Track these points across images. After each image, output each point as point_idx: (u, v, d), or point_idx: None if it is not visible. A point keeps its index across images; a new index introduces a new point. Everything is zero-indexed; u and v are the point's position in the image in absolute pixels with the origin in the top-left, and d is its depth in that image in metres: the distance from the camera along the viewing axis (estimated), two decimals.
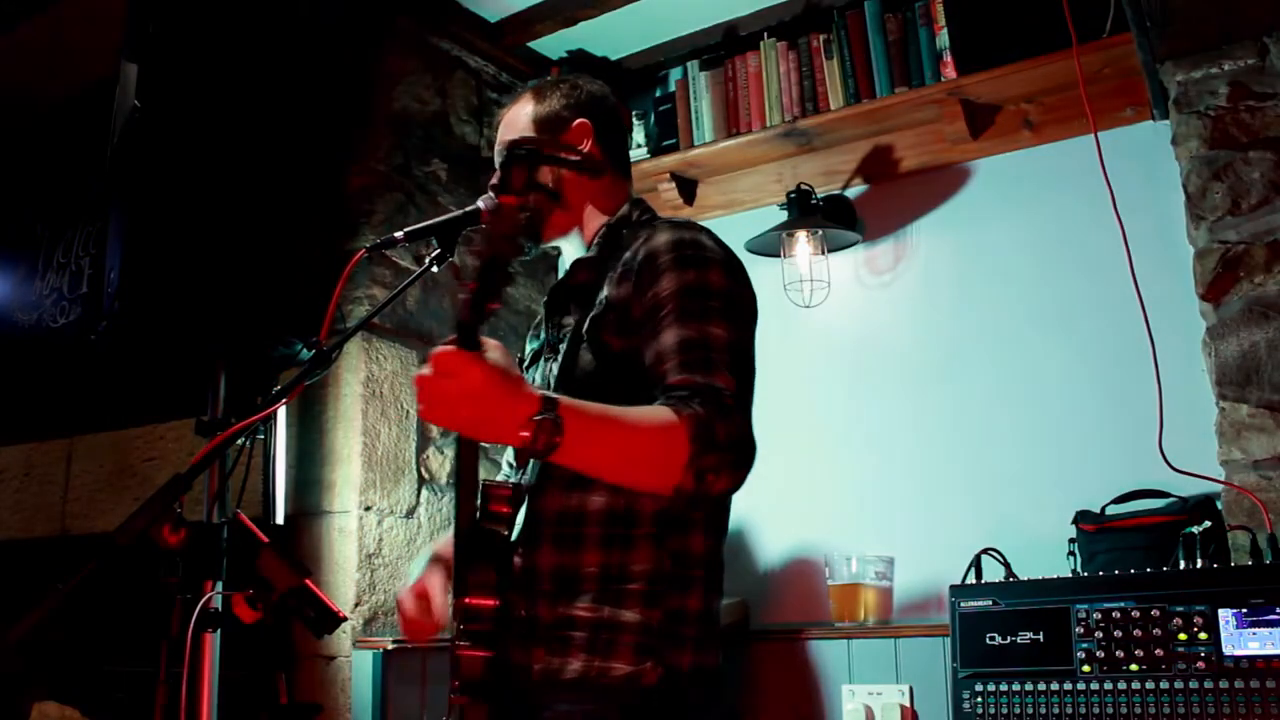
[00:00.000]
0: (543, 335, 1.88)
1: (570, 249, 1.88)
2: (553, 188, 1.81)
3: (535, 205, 1.81)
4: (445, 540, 1.93)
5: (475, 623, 1.50)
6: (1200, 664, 1.78)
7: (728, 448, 1.46)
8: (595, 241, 1.82)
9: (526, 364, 1.91)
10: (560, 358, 1.71)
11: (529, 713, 1.61)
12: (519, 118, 1.88)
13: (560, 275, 2.00)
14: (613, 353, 1.64)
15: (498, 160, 1.89)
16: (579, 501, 1.65)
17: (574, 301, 1.78)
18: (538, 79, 2.01)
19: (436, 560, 1.84)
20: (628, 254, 1.70)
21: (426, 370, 1.29)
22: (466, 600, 1.49)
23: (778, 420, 3.11)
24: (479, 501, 1.70)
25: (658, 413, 1.46)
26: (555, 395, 1.36)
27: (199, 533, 1.89)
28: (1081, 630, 1.91)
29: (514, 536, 1.65)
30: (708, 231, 1.71)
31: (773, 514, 2.98)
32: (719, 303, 1.61)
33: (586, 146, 1.84)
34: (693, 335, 1.57)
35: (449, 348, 1.28)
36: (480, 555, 1.51)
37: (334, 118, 3.05)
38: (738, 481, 1.51)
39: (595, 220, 1.85)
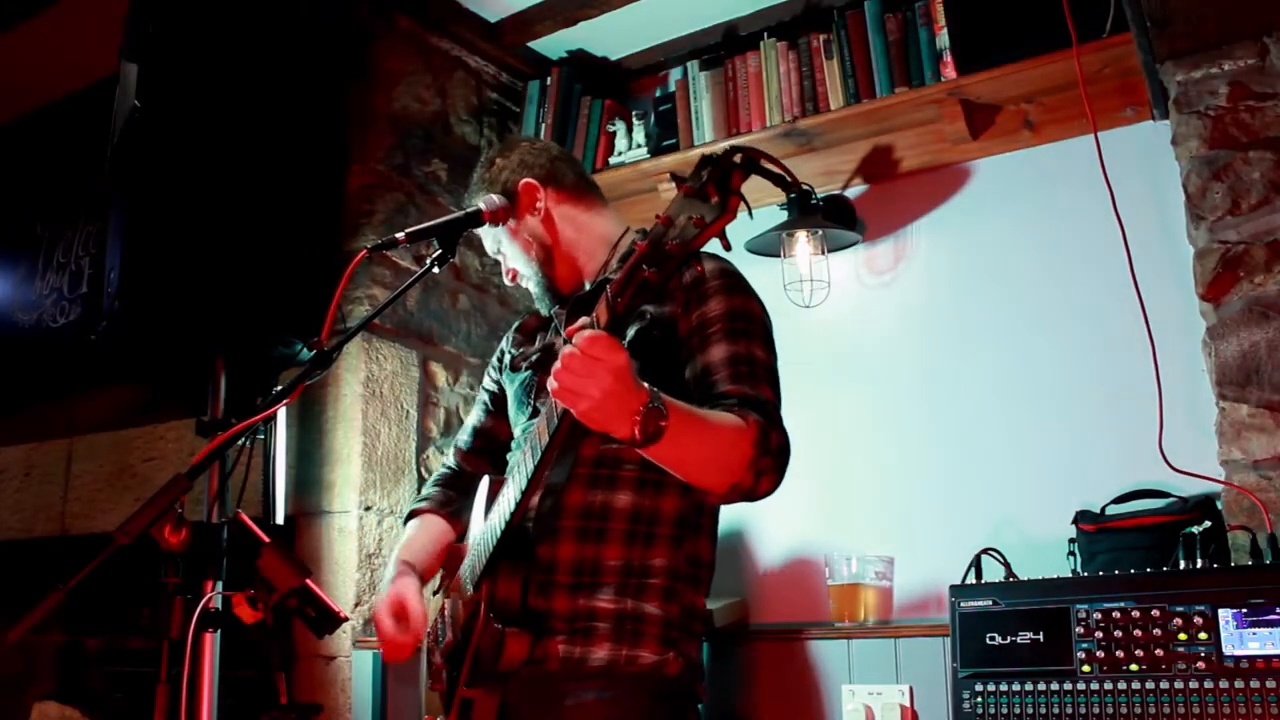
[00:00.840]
0: (548, 339, 1.91)
1: (575, 278, 1.94)
2: (547, 247, 1.89)
3: (539, 272, 1.88)
4: (410, 543, 1.95)
5: (506, 610, 1.55)
6: (1200, 664, 1.78)
7: (778, 453, 1.59)
8: (618, 261, 1.89)
9: (528, 364, 1.92)
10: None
11: (545, 701, 1.64)
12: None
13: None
14: (654, 362, 1.71)
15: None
16: (604, 498, 1.72)
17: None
18: (478, 168, 2.05)
19: (407, 567, 1.86)
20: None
21: (574, 349, 1.33)
22: (499, 590, 1.54)
23: None
24: (485, 495, 1.72)
25: (726, 415, 1.57)
26: (657, 390, 1.42)
27: (199, 533, 1.89)
28: (1081, 630, 1.91)
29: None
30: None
31: (773, 514, 2.97)
32: (759, 329, 1.76)
33: (541, 199, 1.93)
34: (740, 352, 1.70)
35: (598, 332, 1.33)
36: (515, 547, 1.56)
37: (334, 118, 3.05)
38: (778, 484, 1.62)
39: (597, 244, 1.94)
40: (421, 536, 1.98)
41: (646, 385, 1.40)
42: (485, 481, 1.86)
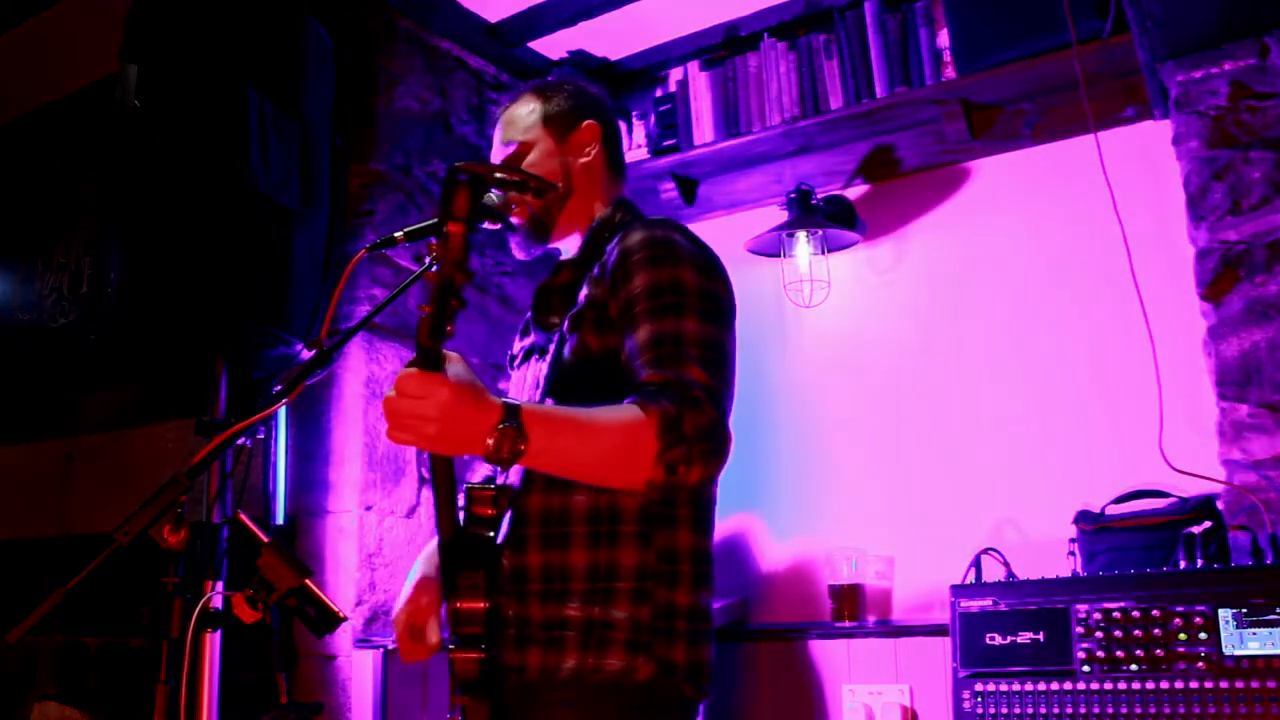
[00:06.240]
0: (532, 334, 1.89)
1: (570, 247, 1.89)
2: (566, 189, 1.84)
3: (545, 206, 1.83)
4: (431, 549, 1.93)
5: (467, 626, 1.51)
6: (1200, 664, 1.78)
7: (696, 439, 1.48)
8: (580, 243, 1.84)
9: (518, 362, 1.92)
10: (549, 357, 1.73)
11: (530, 710, 1.63)
12: (522, 117, 1.89)
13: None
14: (593, 351, 1.67)
15: (499, 155, 1.90)
16: (562, 501, 1.66)
17: (558, 301, 1.81)
18: (538, 79, 2.02)
19: (426, 572, 1.85)
20: (605, 255, 1.72)
21: (391, 393, 1.31)
22: (457, 604, 1.51)
23: (778, 420, 3.12)
24: (464, 504, 1.71)
25: (624, 411, 1.49)
26: (517, 402, 1.39)
27: (199, 533, 1.89)
28: (1081, 630, 1.91)
29: (500, 537, 1.66)
30: (682, 229, 1.72)
31: (773, 513, 2.98)
32: (691, 299, 1.62)
33: (594, 149, 1.88)
34: (665, 330, 1.59)
35: (414, 370, 1.31)
36: (468, 559, 1.53)
37: (334, 117, 3.05)
38: (711, 471, 1.52)
39: (600, 218, 1.87)
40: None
41: (501, 403, 1.36)
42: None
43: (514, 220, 1.86)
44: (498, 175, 1.27)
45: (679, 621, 1.67)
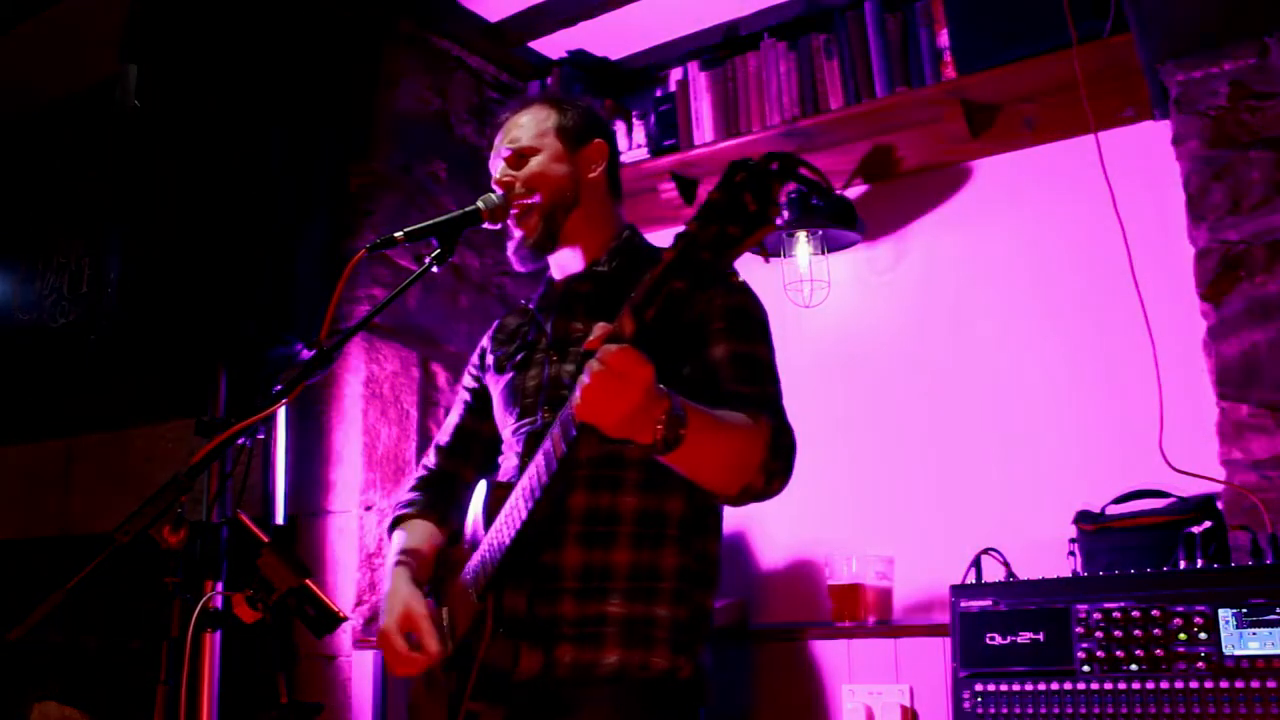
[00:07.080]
0: (530, 337, 1.89)
1: (567, 259, 1.90)
2: (573, 199, 1.86)
3: (553, 218, 1.84)
4: (404, 552, 1.91)
5: (514, 622, 1.55)
6: (1200, 664, 1.78)
7: (788, 453, 1.61)
8: (607, 256, 1.87)
9: (512, 364, 1.91)
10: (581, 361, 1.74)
11: (554, 708, 1.63)
12: (534, 123, 1.92)
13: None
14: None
15: (501, 157, 1.91)
16: (610, 501, 1.70)
17: (584, 308, 1.81)
18: (548, 89, 2.04)
19: (408, 579, 1.83)
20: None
21: (597, 365, 1.30)
22: (506, 601, 1.54)
23: None
24: (486, 499, 1.71)
25: (739, 416, 1.57)
26: (675, 393, 1.42)
27: (199, 533, 1.89)
28: (1081, 630, 1.90)
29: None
30: None
31: (773, 514, 2.97)
32: (759, 327, 1.76)
33: (600, 167, 1.91)
34: (743, 351, 1.70)
35: (626, 346, 1.30)
36: (522, 557, 1.55)
37: (335, 118, 3.05)
38: (787, 484, 1.63)
39: (603, 234, 1.90)
40: (414, 543, 1.94)
41: (664, 390, 1.39)
42: (483, 485, 1.83)
43: (516, 230, 1.87)
44: (802, 171, 1.20)
45: (706, 624, 1.73)
